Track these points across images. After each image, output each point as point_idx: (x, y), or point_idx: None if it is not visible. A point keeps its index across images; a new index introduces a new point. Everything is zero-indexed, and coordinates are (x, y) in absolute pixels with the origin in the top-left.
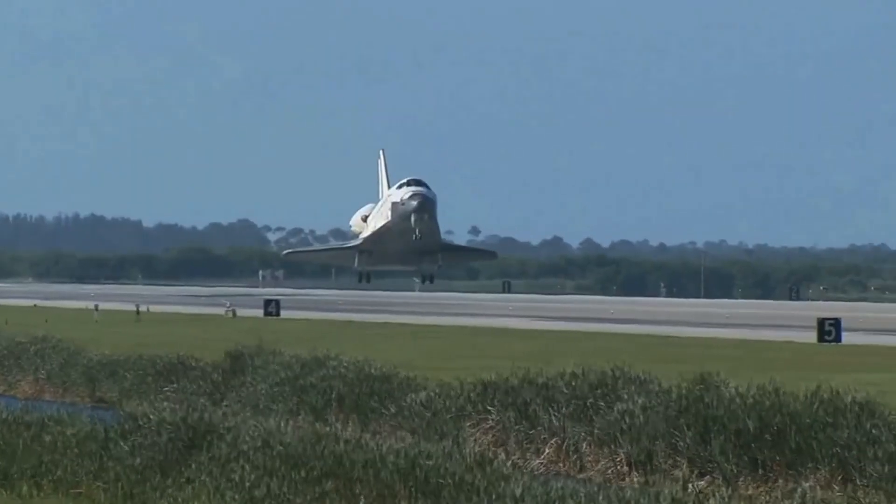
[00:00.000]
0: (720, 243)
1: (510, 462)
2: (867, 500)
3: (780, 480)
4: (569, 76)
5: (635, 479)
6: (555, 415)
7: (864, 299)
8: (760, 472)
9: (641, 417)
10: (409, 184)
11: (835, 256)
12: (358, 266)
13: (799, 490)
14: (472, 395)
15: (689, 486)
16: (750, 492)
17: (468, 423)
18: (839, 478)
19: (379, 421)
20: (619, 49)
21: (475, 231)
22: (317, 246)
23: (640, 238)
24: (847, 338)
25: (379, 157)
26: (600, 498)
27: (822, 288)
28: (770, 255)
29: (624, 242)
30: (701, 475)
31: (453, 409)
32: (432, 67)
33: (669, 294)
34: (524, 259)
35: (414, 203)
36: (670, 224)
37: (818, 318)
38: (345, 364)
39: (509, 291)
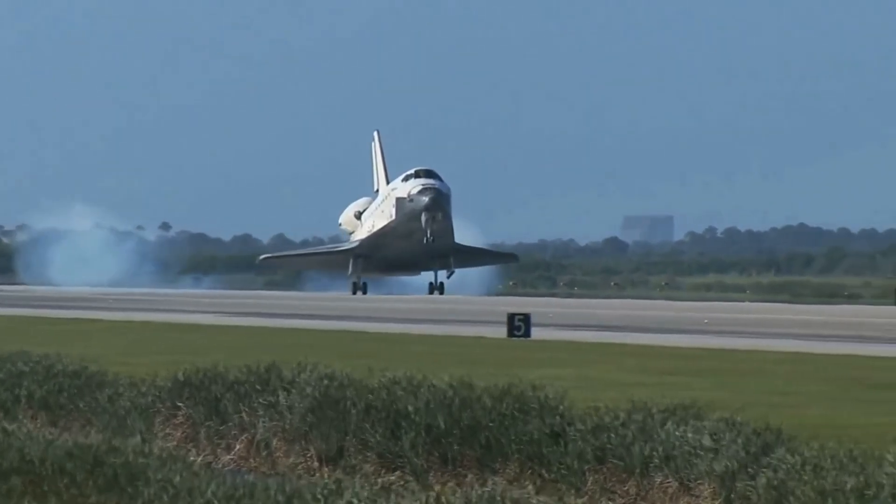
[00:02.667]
0: None
1: (201, 458)
2: (556, 493)
3: (471, 475)
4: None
5: (326, 474)
6: (245, 410)
7: (554, 294)
8: (451, 467)
9: (330, 413)
10: (417, 175)
11: (524, 251)
12: (352, 273)
13: (489, 483)
14: (162, 391)
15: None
16: (443, 487)
17: (159, 419)
18: (529, 472)
19: (69, 417)
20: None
21: (165, 226)
22: (301, 250)
23: (331, 233)
24: (536, 333)
25: (373, 141)
26: (284, 491)
27: (511, 283)
28: None
29: (317, 239)
30: (392, 470)
31: (143, 405)
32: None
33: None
34: (214, 255)
35: (425, 199)
36: None
37: (508, 314)
38: (34, 360)
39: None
